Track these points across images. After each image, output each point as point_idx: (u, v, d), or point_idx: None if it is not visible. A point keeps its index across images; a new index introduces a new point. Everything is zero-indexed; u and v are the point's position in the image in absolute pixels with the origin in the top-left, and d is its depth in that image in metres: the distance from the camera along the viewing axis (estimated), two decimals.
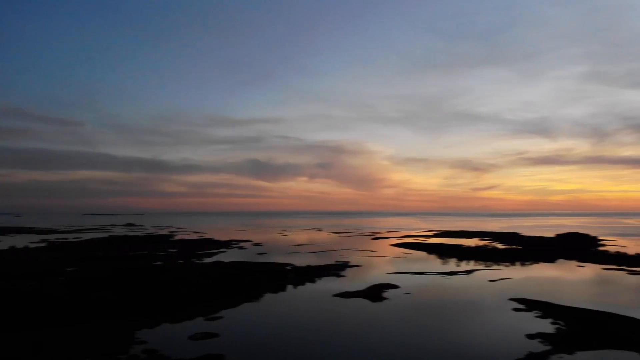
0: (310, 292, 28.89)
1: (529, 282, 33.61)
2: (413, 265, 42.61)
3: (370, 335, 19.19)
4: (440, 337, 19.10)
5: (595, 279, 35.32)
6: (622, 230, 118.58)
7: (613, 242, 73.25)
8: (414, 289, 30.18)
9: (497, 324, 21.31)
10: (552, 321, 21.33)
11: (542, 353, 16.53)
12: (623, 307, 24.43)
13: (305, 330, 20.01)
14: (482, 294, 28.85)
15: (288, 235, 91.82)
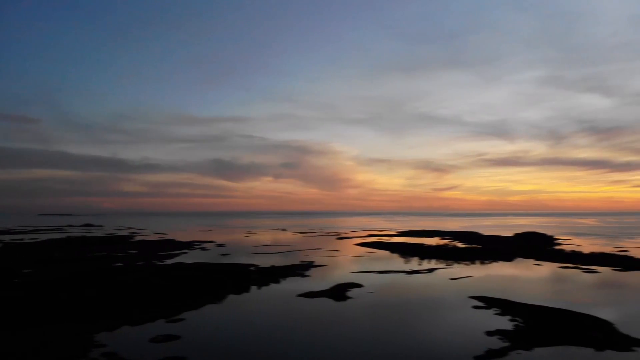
0: (275, 293, 28.83)
1: (488, 280, 34.55)
2: (376, 264, 43.10)
3: (333, 335, 19.34)
4: (402, 334, 19.43)
5: (552, 277, 36.61)
6: (577, 229, 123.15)
7: (568, 241, 75.99)
8: (377, 287, 30.56)
9: (458, 321, 21.85)
10: (510, 318, 22.02)
11: (501, 349, 17.06)
12: (578, 304, 25.44)
13: (269, 331, 19.99)
14: (443, 292, 29.48)
15: (252, 236, 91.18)
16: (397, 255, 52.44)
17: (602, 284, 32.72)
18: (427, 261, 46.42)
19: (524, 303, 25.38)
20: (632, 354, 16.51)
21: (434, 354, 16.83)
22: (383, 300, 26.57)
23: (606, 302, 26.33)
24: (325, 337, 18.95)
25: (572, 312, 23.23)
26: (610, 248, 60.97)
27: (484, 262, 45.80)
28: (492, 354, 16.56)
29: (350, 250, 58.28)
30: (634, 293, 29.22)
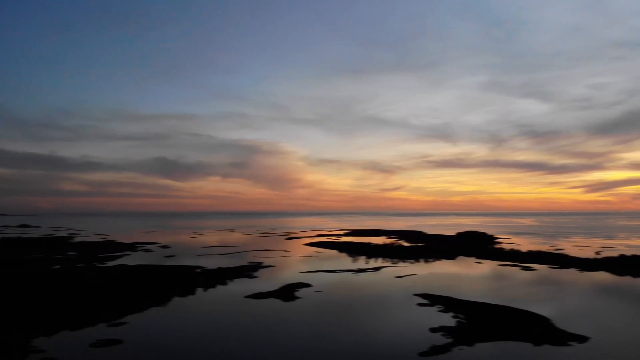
0: (221, 295, 28.33)
1: (432, 277, 35.43)
2: (325, 264, 43.28)
3: (281, 335, 19.20)
4: (349, 332, 19.54)
5: (492, 275, 37.96)
6: (516, 229, 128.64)
7: (508, 240, 79.26)
8: (325, 287, 30.67)
9: (403, 318, 22.25)
10: (453, 315, 22.63)
11: (444, 345, 17.48)
12: (517, 300, 26.48)
13: (215, 333, 19.60)
14: (389, 290, 29.97)
15: (198, 237, 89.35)
16: (346, 254, 52.93)
17: (539, 281, 34.22)
18: (374, 260, 47.08)
19: (466, 300, 26.21)
20: (568, 348, 17.32)
21: (380, 351, 17.03)
22: (331, 299, 26.67)
23: (543, 298, 27.54)
24: (272, 338, 18.77)
25: (512, 308, 24.18)
26: (547, 247, 64.05)
27: (428, 260, 46.96)
28: (435, 350, 16.94)
29: (299, 251, 58.27)
30: (569, 290, 30.74)
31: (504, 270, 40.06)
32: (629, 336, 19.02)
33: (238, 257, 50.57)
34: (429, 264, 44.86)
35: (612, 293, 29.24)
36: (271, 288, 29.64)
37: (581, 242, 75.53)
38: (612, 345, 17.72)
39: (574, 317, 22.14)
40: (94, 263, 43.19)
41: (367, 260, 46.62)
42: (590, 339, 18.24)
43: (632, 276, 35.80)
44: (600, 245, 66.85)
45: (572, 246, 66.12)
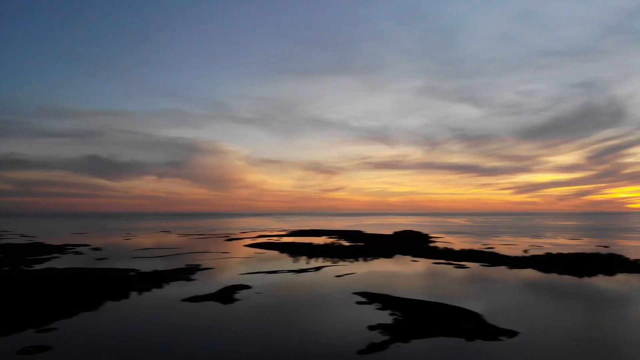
0: (157, 298, 27.44)
1: (371, 276, 36.04)
2: (265, 265, 42.98)
3: (219, 338, 18.84)
4: (289, 333, 19.46)
5: (427, 272, 39.10)
6: (449, 228, 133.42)
7: (442, 239, 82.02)
8: (265, 288, 30.44)
9: (342, 317, 22.43)
10: (390, 312, 23.11)
11: (381, 343, 17.79)
12: (451, 297, 27.45)
13: (150, 338, 18.95)
14: (329, 289, 30.18)
15: (133, 239, 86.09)
16: (287, 255, 52.81)
17: (471, 279, 35.63)
18: (315, 260, 47.29)
19: (403, 298, 26.87)
20: (499, 342, 18.10)
21: (320, 350, 17.08)
22: (271, 301, 26.49)
23: (475, 295, 28.66)
24: (211, 342, 18.37)
25: (446, 305, 25.01)
26: (479, 245, 66.83)
27: (367, 259, 47.76)
28: (373, 347, 17.21)
29: (239, 252, 57.50)
30: (499, 286, 32.18)
31: (438, 268, 41.40)
32: (555, 330, 20.12)
33: (175, 259, 49.23)
34: (367, 262, 45.61)
35: (539, 289, 30.86)
36: (209, 291, 29.07)
37: (510, 241, 79.41)
38: (540, 339, 18.69)
39: (504, 313, 23.18)
40: (21, 266, 40.64)
41: (308, 261, 46.75)
42: (519, 334, 19.18)
43: (558, 273, 38.01)
44: (528, 244, 70.58)
45: (502, 245, 69.42)
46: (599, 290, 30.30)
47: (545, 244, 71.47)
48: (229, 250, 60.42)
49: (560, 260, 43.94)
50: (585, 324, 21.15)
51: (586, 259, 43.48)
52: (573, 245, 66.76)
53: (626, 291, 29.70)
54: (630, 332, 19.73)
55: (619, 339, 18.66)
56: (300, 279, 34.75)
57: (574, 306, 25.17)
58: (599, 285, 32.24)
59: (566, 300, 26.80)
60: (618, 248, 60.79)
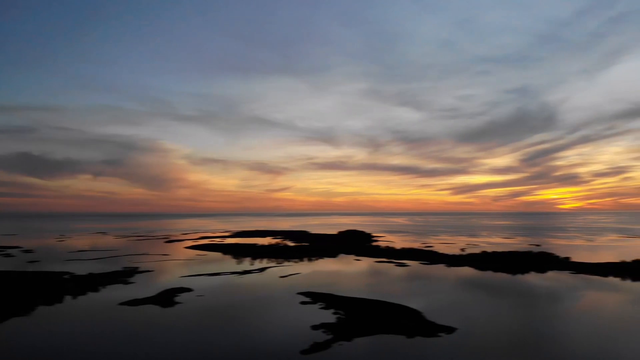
0: (93, 302, 26.28)
1: (315, 276, 36.18)
2: (208, 267, 42.16)
3: (159, 342, 18.27)
4: (232, 335, 19.17)
5: (370, 271, 39.72)
6: (391, 227, 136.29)
7: (384, 238, 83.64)
8: (207, 290, 29.86)
9: (286, 317, 22.36)
10: (334, 311, 23.29)
11: (325, 342, 17.88)
12: (392, 295, 28.04)
13: (86, 344, 18.09)
14: (273, 290, 30.02)
15: (67, 241, 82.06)
16: (230, 256, 52.05)
17: (411, 277, 36.51)
18: (259, 261, 46.91)
19: (346, 296, 27.16)
20: (437, 339, 18.64)
21: (263, 351, 16.92)
22: (213, 303, 26.02)
23: (415, 292, 29.40)
24: (150, 346, 17.78)
25: (387, 302, 25.50)
26: (419, 244, 68.69)
27: (312, 259, 47.93)
28: (316, 347, 17.27)
29: (180, 254, 56.06)
30: (437, 284, 33.16)
31: (381, 267, 42.17)
32: (490, 326, 20.96)
33: (112, 262, 47.36)
34: (312, 262, 45.76)
35: (476, 287, 32.05)
36: (148, 294, 28.21)
37: (448, 239, 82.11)
38: (476, 334, 19.40)
39: (443, 310, 23.91)
40: None
41: (252, 262, 46.28)
42: (457, 330, 19.85)
43: (493, 271, 39.64)
44: (465, 243, 73.29)
45: (441, 243, 71.66)
46: (531, 286, 31.85)
47: (481, 242, 74.47)
48: (169, 252, 58.79)
49: (495, 258, 45.87)
50: (519, 319, 22.15)
51: (519, 257, 45.61)
52: (507, 244, 69.96)
53: (556, 287, 31.37)
54: (560, 326, 20.85)
55: (549, 333, 19.68)
56: (243, 281, 34.34)
57: (508, 302, 26.31)
58: (531, 282, 33.89)
59: (501, 297, 27.98)
60: (549, 247, 64.23)
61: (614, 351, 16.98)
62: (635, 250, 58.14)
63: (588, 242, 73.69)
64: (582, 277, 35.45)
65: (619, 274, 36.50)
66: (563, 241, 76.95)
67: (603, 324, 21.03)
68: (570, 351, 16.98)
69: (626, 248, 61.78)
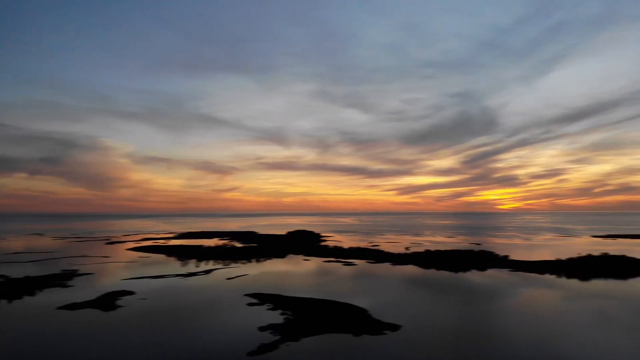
0: (29, 306, 25.02)
1: (263, 277, 35.98)
2: (151, 270, 41.04)
3: (99, 346, 17.60)
4: (176, 339, 18.75)
5: (318, 271, 39.94)
6: (339, 227, 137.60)
7: (332, 238, 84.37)
8: (151, 293, 29.08)
9: (233, 319, 22.11)
10: (281, 312, 23.26)
11: (272, 343, 17.82)
12: (340, 294, 28.33)
13: (21, 350, 17.18)
14: (219, 292, 29.61)
15: (0, 242, 77.71)
16: (174, 258, 50.86)
17: (358, 275, 37.03)
18: (205, 263, 46.10)
19: (294, 297, 27.20)
20: (383, 336, 19.00)
21: (209, 354, 16.65)
22: (157, 306, 25.35)
23: (362, 291, 29.82)
24: (90, 351, 17.11)
25: (335, 301, 25.76)
26: (365, 243, 69.80)
27: (260, 260, 47.64)
28: (264, 348, 17.19)
29: (122, 256, 54.23)
30: (383, 282, 33.78)
31: (328, 266, 42.51)
32: (434, 323, 21.58)
33: (49, 264, 45.23)
34: (260, 263, 45.47)
35: (420, 284, 32.90)
36: (88, 297, 27.17)
37: (394, 239, 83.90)
38: (420, 331, 19.92)
39: (388, 308, 24.40)
40: None
41: (197, 264, 45.43)
42: (402, 327, 20.31)
43: (436, 269, 40.83)
44: (410, 242, 75.12)
45: (387, 243, 73.13)
46: (472, 284, 33.04)
47: (425, 241, 76.55)
48: (111, 254, 56.75)
49: (438, 256, 47.26)
50: (461, 316, 22.92)
51: (461, 255, 47.19)
52: (449, 243, 72.23)
53: (496, 285, 32.70)
54: (499, 322, 21.76)
55: (490, 329, 20.50)
56: (188, 283, 33.66)
57: (450, 299, 27.17)
58: (473, 279, 35.15)
59: (444, 294, 28.85)
60: (489, 245, 66.84)
61: (551, 345, 17.89)
62: (569, 248, 61.53)
63: (525, 241, 77.27)
64: (520, 275, 37.13)
65: (554, 272, 38.49)
66: (502, 240, 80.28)
67: (540, 320, 22.11)
68: (510, 346, 17.75)
69: (561, 247, 65.26)
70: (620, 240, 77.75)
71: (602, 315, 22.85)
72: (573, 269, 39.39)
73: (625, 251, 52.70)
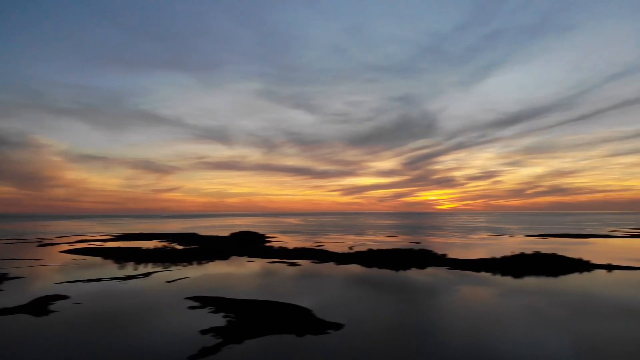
0: None
1: (204, 279, 35.41)
2: (87, 273, 39.40)
3: (31, 353, 16.74)
4: (112, 343, 18.14)
5: (262, 272, 39.76)
6: (284, 228, 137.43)
7: (277, 238, 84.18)
8: (86, 297, 27.94)
9: (173, 323, 21.63)
10: (224, 315, 23.00)
11: (214, 346, 17.60)
12: (284, 295, 28.37)
13: None
14: (159, 295, 28.87)
15: None
16: (111, 261, 49.04)
17: (303, 276, 37.20)
18: (143, 265, 44.78)
19: (237, 299, 26.97)
20: (326, 336, 19.20)
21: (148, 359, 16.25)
22: (92, 311, 24.39)
23: (306, 291, 29.99)
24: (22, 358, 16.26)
25: (278, 302, 25.77)
26: (310, 243, 70.18)
27: (202, 263, 46.82)
28: (205, 352, 16.94)
29: (55, 259, 51.68)
30: (327, 282, 34.11)
31: (273, 267, 42.42)
32: (375, 320, 22.04)
33: None
34: (202, 265, 44.69)
35: (362, 283, 33.48)
36: (19, 302, 25.83)
37: (338, 238, 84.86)
38: (363, 329, 20.29)
39: (332, 307, 24.69)
40: None
41: (136, 267, 44.04)
42: (345, 326, 20.62)
43: (378, 268, 41.72)
44: (353, 241, 76.26)
45: (331, 242, 73.89)
46: (412, 282, 34.00)
47: (368, 241, 77.98)
48: (43, 257, 53.98)
49: (381, 255, 48.25)
50: (402, 313, 23.54)
51: (402, 254, 48.39)
52: (391, 242, 73.93)
53: (435, 282, 33.81)
54: (438, 319, 22.53)
55: (428, 325, 21.18)
56: (126, 287, 32.59)
57: (392, 297, 27.83)
58: (413, 277, 36.17)
59: (385, 292, 29.52)
60: (428, 244, 68.94)
61: (486, 339, 18.72)
62: (503, 247, 64.51)
63: (462, 240, 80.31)
64: (457, 273, 38.57)
65: (490, 269, 40.27)
66: (440, 239, 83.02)
67: (477, 315, 23.08)
68: (448, 341, 18.43)
69: (495, 245, 68.32)
70: (551, 239, 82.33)
71: (534, 311, 24.15)
72: (507, 266, 41.40)
73: (556, 250, 55.90)
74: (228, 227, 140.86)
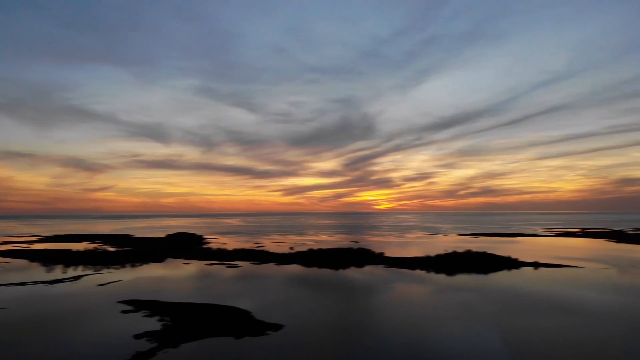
0: None
1: (138, 283, 34.21)
2: (12, 276, 37.04)
3: None
4: (41, 350, 17.12)
5: (199, 274, 38.92)
6: (224, 229, 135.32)
7: (215, 239, 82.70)
8: (11, 302, 26.29)
9: (105, 328, 20.73)
10: (159, 318, 22.31)
11: (149, 351, 17.02)
12: (222, 297, 27.90)
13: None
14: (90, 299, 27.59)
15: None
16: (38, 263, 46.39)
17: (242, 277, 36.77)
18: (73, 268, 42.66)
19: (173, 302, 26.25)
20: (265, 337, 19.06)
21: None
22: (18, 316, 22.97)
23: (245, 293, 29.66)
24: None
25: (217, 305, 25.32)
26: (250, 244, 69.50)
27: (135, 265, 45.22)
28: (139, 356, 16.36)
29: None
30: (267, 283, 33.91)
31: (211, 269, 41.64)
32: (315, 320, 22.14)
33: None
34: (135, 268, 43.14)
35: (302, 283, 33.55)
36: None
37: (279, 239, 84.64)
38: (302, 329, 20.31)
39: (271, 308, 24.57)
40: None
41: (65, 269, 41.87)
42: (284, 327, 20.56)
43: (318, 267, 41.97)
44: (294, 242, 76.33)
45: (272, 243, 73.58)
46: (351, 280, 34.45)
47: (309, 240, 78.32)
48: None
49: (320, 255, 48.59)
50: (341, 312, 23.79)
51: (341, 253, 48.96)
52: (331, 242, 74.65)
53: (372, 281, 34.43)
54: (376, 316, 22.95)
55: (366, 323, 21.52)
56: (55, 291, 30.91)
57: (331, 296, 28.08)
58: (352, 276, 36.66)
59: (325, 292, 29.74)
60: (366, 243, 70.15)
61: (422, 334, 19.26)
62: (437, 246, 66.73)
63: (399, 239, 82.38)
64: (394, 271, 39.50)
65: (424, 267, 41.53)
66: (378, 238, 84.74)
67: (414, 312, 23.72)
68: (387, 336, 18.80)
69: (430, 244, 70.57)
70: (482, 238, 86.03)
71: (466, 306, 25.11)
72: (441, 264, 42.87)
73: (486, 248, 58.49)
74: (164, 228, 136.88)
